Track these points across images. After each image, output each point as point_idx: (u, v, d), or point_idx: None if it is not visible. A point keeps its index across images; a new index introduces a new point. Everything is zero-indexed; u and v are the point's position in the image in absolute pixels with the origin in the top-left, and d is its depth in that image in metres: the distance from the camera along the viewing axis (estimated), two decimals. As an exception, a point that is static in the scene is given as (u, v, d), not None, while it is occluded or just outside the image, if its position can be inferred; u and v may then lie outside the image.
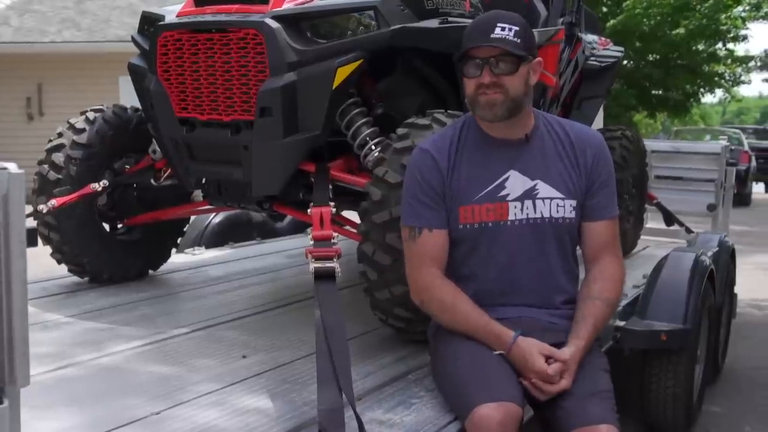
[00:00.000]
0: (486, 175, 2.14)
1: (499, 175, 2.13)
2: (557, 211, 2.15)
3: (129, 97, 3.51)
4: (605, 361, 2.18)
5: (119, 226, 3.56)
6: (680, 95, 20.30)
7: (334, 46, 2.77)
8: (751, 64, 20.88)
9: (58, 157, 3.24)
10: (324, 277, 2.36)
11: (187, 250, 4.26)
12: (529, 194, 2.13)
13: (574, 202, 2.16)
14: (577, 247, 2.25)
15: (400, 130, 2.65)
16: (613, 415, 1.99)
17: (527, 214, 2.13)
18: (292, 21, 2.78)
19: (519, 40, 2.04)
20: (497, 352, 2.02)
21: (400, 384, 2.31)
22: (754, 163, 17.29)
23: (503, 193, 2.13)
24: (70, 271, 3.44)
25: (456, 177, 2.14)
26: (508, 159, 2.15)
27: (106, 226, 3.50)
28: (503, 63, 2.04)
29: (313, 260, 2.41)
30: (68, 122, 3.37)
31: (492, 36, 2.02)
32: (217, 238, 4.69)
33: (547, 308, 2.19)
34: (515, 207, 2.13)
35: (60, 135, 3.32)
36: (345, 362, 2.02)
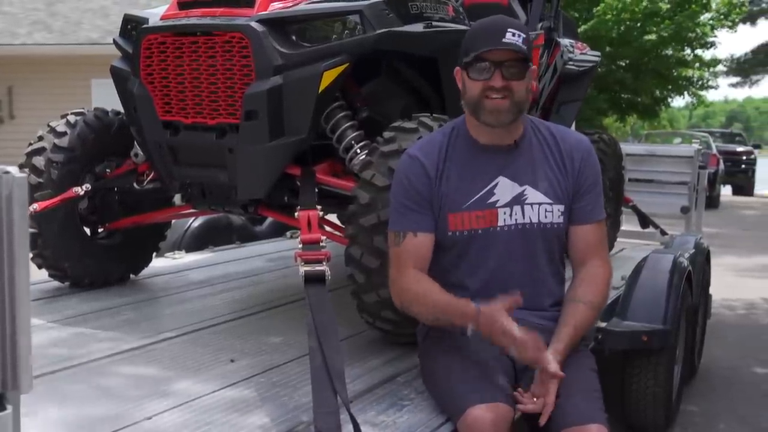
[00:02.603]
0: (475, 182, 2.15)
1: (488, 182, 2.15)
2: (545, 217, 2.17)
3: (102, 100, 3.49)
4: (593, 361, 2.21)
5: (100, 230, 3.53)
6: (649, 99, 20.56)
7: (320, 49, 2.77)
8: (719, 68, 21.21)
9: (39, 161, 3.21)
10: (314, 280, 2.36)
11: (167, 254, 4.23)
12: (518, 200, 2.15)
13: (561, 207, 2.18)
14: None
15: (387, 134, 2.66)
16: (602, 415, 2.01)
17: (516, 219, 2.15)
18: (277, 24, 2.78)
19: (526, 47, 2.06)
20: (470, 330, 2.00)
21: (390, 386, 2.32)
22: (722, 166, 17.58)
23: (492, 199, 2.14)
24: (50, 275, 3.40)
25: (445, 183, 2.15)
26: (497, 165, 2.16)
27: (87, 231, 3.47)
28: (514, 68, 2.05)
29: (302, 263, 2.41)
30: (49, 125, 3.33)
31: (504, 40, 2.02)
32: (197, 241, 4.67)
33: (535, 311, 2.21)
34: (504, 213, 2.14)
35: (40, 138, 3.29)
36: (339, 364, 2.03)
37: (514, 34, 2.04)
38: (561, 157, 2.20)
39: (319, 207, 2.72)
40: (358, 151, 2.92)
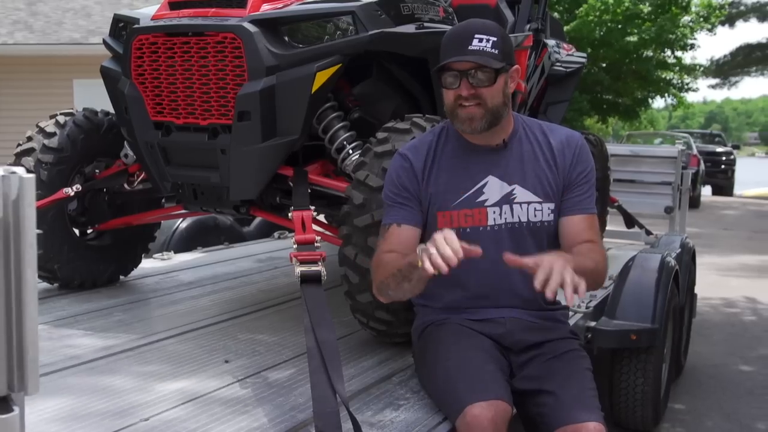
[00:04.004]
0: (464, 181, 2.17)
1: (477, 181, 2.17)
2: (535, 215, 2.18)
3: (84, 100, 3.45)
4: (588, 361, 2.22)
5: (89, 231, 3.51)
6: (630, 100, 20.74)
7: (313, 50, 2.78)
8: (698, 71, 21.42)
9: (28, 162, 3.18)
10: (310, 280, 2.36)
11: (155, 255, 4.21)
12: (507, 199, 2.17)
13: (551, 206, 2.20)
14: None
15: (380, 134, 2.67)
16: (599, 414, 2.02)
17: (505, 218, 2.17)
18: (270, 25, 2.78)
19: (497, 51, 2.05)
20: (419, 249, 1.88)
21: (385, 386, 2.33)
22: (702, 166, 17.73)
23: (481, 198, 2.16)
24: (40, 277, 3.37)
25: (433, 182, 2.17)
26: (486, 165, 2.18)
27: (76, 232, 3.45)
28: (481, 75, 2.05)
29: (298, 264, 2.41)
30: (38, 126, 3.31)
31: (469, 48, 2.03)
32: (185, 242, 4.65)
33: (528, 309, 2.23)
34: (494, 212, 2.16)
35: (29, 139, 3.26)
36: (337, 364, 2.03)
37: (481, 40, 2.04)
38: (552, 154, 2.22)
39: (312, 207, 2.72)
40: (351, 151, 2.93)
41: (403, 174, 2.18)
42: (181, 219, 4.63)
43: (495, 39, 2.05)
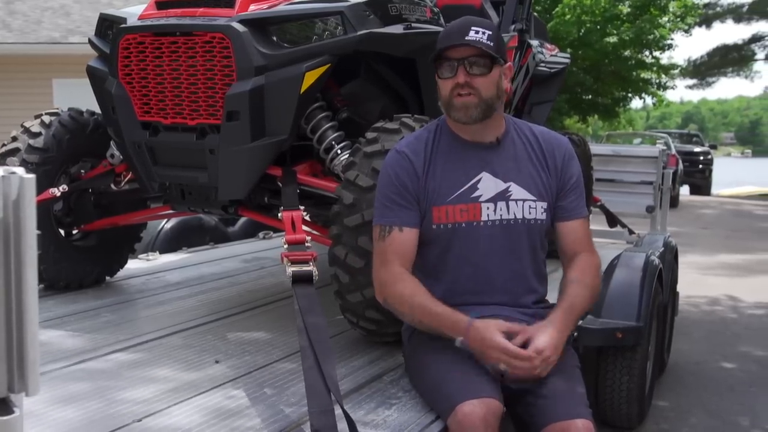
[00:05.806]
0: (459, 177, 2.18)
1: (471, 177, 2.18)
2: (529, 213, 2.21)
3: (63, 100, 3.42)
4: (576, 358, 2.25)
5: (75, 231, 3.49)
6: (609, 100, 20.88)
7: (301, 50, 2.78)
8: (676, 71, 21.62)
9: (13, 162, 3.15)
10: (301, 280, 2.36)
11: (141, 256, 4.19)
12: (503, 196, 2.19)
13: (545, 204, 2.23)
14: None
15: (370, 134, 2.67)
16: (587, 410, 2.05)
17: (500, 215, 2.19)
18: (258, 25, 2.79)
19: (492, 44, 2.10)
20: (458, 341, 2.03)
21: (377, 385, 2.33)
22: (680, 166, 17.89)
23: (476, 194, 2.18)
24: (25, 278, 3.34)
25: (431, 178, 2.18)
26: (480, 161, 2.20)
27: (62, 232, 3.42)
28: (477, 64, 2.10)
29: (289, 264, 2.41)
30: (23, 125, 3.28)
31: (466, 38, 2.08)
32: (170, 243, 4.64)
33: (518, 308, 2.25)
34: (488, 208, 2.18)
35: (14, 139, 3.23)
36: (331, 363, 2.04)
37: (477, 32, 2.10)
38: (543, 156, 2.25)
39: (302, 207, 2.72)
40: (339, 151, 2.94)
41: (403, 173, 2.18)
42: (165, 219, 4.61)
43: (490, 32, 2.11)
